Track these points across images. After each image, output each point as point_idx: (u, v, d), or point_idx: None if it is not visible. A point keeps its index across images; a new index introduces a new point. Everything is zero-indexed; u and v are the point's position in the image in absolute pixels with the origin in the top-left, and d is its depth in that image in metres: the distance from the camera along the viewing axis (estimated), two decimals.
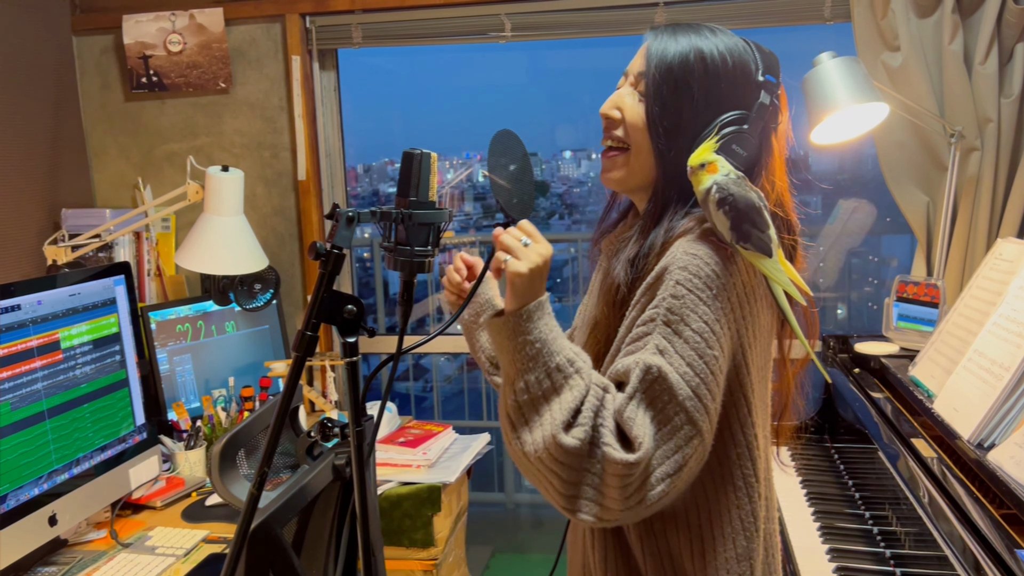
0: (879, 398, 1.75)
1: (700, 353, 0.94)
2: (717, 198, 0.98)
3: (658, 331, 0.96)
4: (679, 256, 0.99)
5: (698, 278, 0.97)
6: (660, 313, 0.96)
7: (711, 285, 0.97)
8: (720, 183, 0.98)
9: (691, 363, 0.94)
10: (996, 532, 1.14)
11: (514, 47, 2.46)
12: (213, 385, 2.33)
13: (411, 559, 2.05)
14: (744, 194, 0.98)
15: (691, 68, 1.06)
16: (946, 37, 1.99)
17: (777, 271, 1.00)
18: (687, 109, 1.06)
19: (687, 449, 0.93)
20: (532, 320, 0.97)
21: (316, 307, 0.95)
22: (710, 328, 0.95)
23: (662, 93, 1.07)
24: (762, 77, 1.07)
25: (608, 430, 0.93)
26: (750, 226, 0.97)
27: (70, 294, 1.70)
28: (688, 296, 0.96)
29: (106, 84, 2.60)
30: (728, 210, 0.97)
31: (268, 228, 2.57)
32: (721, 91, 1.06)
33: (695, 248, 0.99)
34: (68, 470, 1.67)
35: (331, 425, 1.13)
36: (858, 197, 3.36)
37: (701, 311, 0.95)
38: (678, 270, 0.97)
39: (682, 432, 0.93)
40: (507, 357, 0.99)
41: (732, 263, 1.00)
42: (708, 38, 1.08)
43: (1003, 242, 1.66)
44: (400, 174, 1.01)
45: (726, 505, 1.04)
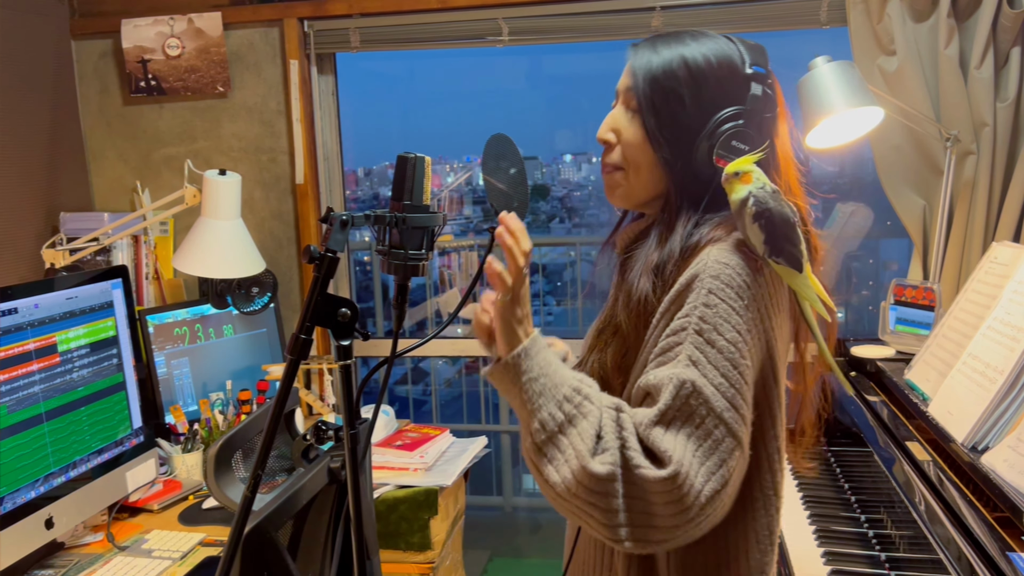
0: (875, 401, 1.75)
1: (734, 363, 0.94)
2: (754, 211, 0.97)
3: (689, 340, 0.95)
4: (710, 264, 0.98)
5: (730, 288, 0.96)
6: (692, 322, 0.95)
7: (743, 295, 0.96)
8: (758, 196, 0.97)
9: (726, 374, 0.93)
10: (990, 535, 1.14)
11: (513, 51, 2.46)
12: (210, 388, 2.33)
13: (408, 562, 2.05)
14: (780, 209, 0.97)
15: (676, 75, 1.06)
16: (942, 41, 2.00)
17: (807, 287, 1.00)
18: (680, 115, 1.06)
19: (731, 462, 0.92)
20: (530, 358, 0.97)
21: (310, 310, 0.96)
22: (743, 338, 0.95)
23: (654, 104, 1.07)
24: (750, 69, 1.07)
25: (635, 450, 0.92)
26: (784, 241, 0.97)
27: (67, 297, 1.71)
28: (721, 305, 0.95)
29: (105, 88, 2.60)
30: (764, 224, 0.96)
31: (266, 232, 2.57)
32: (711, 91, 1.06)
33: (727, 258, 0.98)
34: (65, 473, 1.67)
35: (326, 428, 1.13)
36: (858, 200, 3.36)
37: (734, 321, 0.95)
38: (710, 279, 0.96)
39: (723, 445, 0.92)
40: (516, 402, 0.98)
41: (761, 275, 0.99)
42: (689, 44, 1.08)
43: (998, 246, 1.66)
44: (394, 178, 1.02)
45: (751, 518, 1.02)
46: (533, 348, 0.98)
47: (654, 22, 2.28)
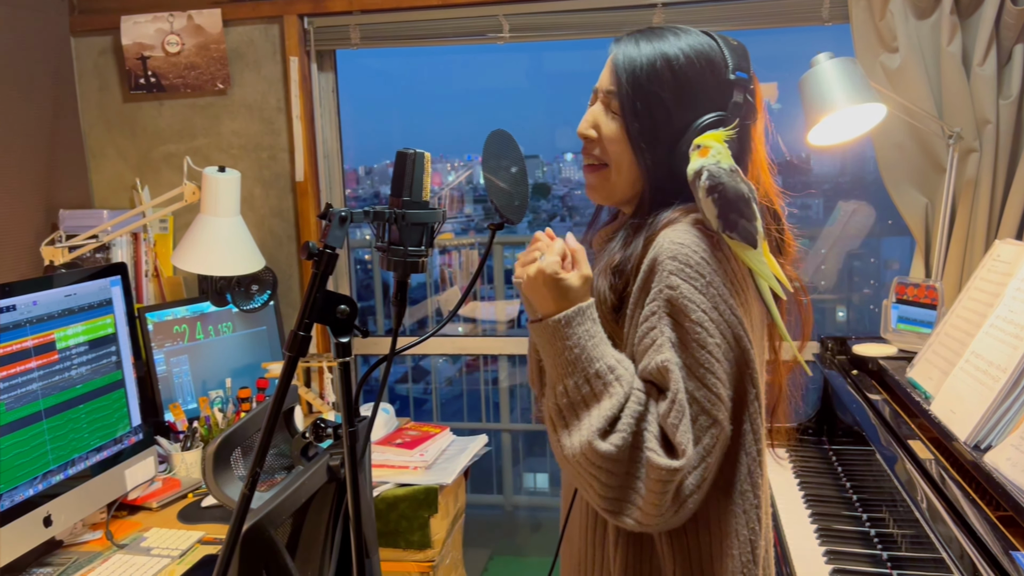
0: (877, 400, 1.74)
1: (701, 343, 0.96)
2: (707, 185, 0.98)
3: (662, 323, 0.97)
4: (666, 247, 0.99)
5: (689, 267, 0.97)
6: (660, 306, 0.97)
7: (703, 272, 0.97)
8: (712, 171, 0.98)
9: (694, 354, 0.95)
10: (992, 534, 1.13)
11: (513, 48, 2.45)
12: (210, 386, 2.32)
13: (408, 560, 2.04)
14: (734, 184, 0.98)
15: (660, 77, 1.06)
16: (944, 38, 1.99)
17: (760, 263, 1.01)
18: (662, 119, 1.07)
19: (706, 439, 0.95)
20: (571, 326, 0.98)
21: (309, 307, 0.95)
22: (707, 316, 0.96)
23: (636, 108, 1.07)
24: (733, 75, 1.07)
25: (652, 435, 0.95)
26: (737, 216, 0.98)
27: (66, 294, 1.70)
28: (683, 286, 0.96)
29: (104, 85, 2.60)
30: (717, 198, 0.98)
31: (265, 229, 2.57)
32: (694, 95, 1.06)
33: (682, 237, 1.00)
34: (63, 471, 1.66)
35: (325, 426, 1.13)
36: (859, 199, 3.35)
37: (697, 299, 0.96)
38: (668, 260, 0.98)
39: (698, 423, 0.95)
40: (549, 361, 1.01)
41: (719, 250, 1.01)
42: (672, 42, 1.07)
43: (1001, 244, 1.65)
44: (394, 174, 1.01)
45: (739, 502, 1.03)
46: (578, 318, 0.99)
47: (655, 19, 2.27)
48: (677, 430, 0.93)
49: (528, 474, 4.41)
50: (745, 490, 1.02)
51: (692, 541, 1.04)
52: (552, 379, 1.00)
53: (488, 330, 4.25)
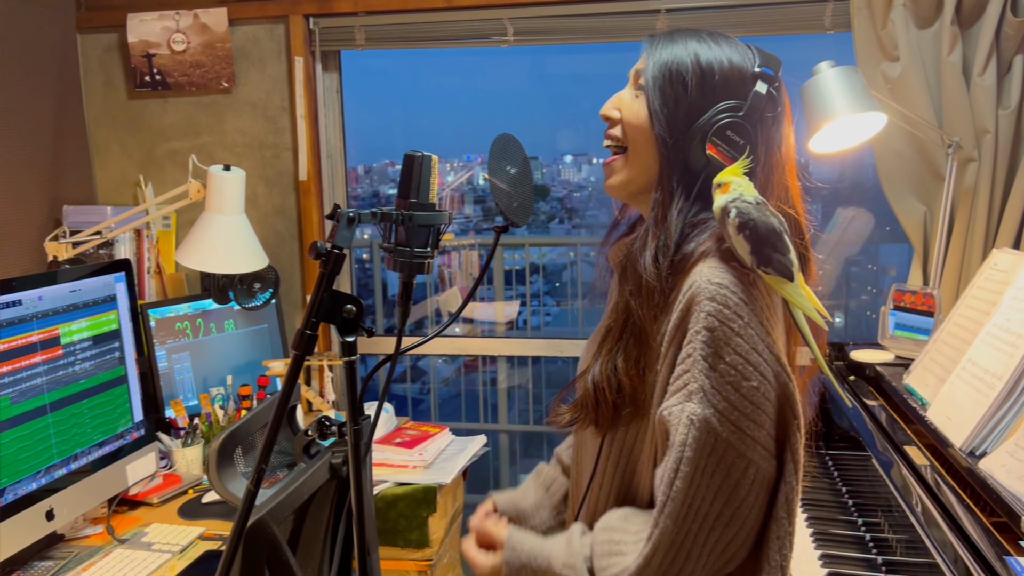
0: (874, 406, 1.76)
1: (736, 386, 0.95)
2: (737, 222, 0.97)
3: (696, 368, 0.96)
4: (704, 287, 0.98)
5: (728, 308, 0.96)
6: (697, 348, 0.96)
7: (741, 314, 0.97)
8: (740, 208, 0.97)
9: (728, 397, 0.95)
10: (986, 539, 1.15)
11: (516, 51, 2.47)
12: (211, 383, 2.34)
13: (406, 559, 2.05)
14: (765, 219, 0.97)
15: (685, 63, 1.08)
16: (945, 48, 2.00)
17: (798, 295, 1.01)
18: (683, 99, 1.07)
19: (744, 483, 0.96)
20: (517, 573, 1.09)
21: (316, 306, 0.96)
22: (745, 359, 0.96)
23: (659, 86, 1.08)
24: (758, 68, 1.08)
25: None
26: (771, 250, 0.97)
27: (71, 290, 1.71)
28: (720, 328, 0.96)
29: (109, 82, 2.61)
30: (749, 235, 0.97)
31: (268, 228, 2.58)
32: (716, 82, 1.07)
33: (719, 276, 0.99)
34: (66, 465, 1.67)
35: (329, 423, 1.14)
36: (858, 206, 3.37)
37: (735, 342, 0.96)
38: (707, 301, 0.97)
39: (735, 467, 0.96)
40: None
41: (755, 288, 1.00)
42: (706, 41, 1.10)
43: (998, 252, 1.67)
44: (401, 176, 1.02)
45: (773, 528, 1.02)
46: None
47: (659, 24, 2.29)
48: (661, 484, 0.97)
49: (525, 475, 4.41)
50: (781, 517, 1.01)
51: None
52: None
53: (487, 331, 4.26)
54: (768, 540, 1.01)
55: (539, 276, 5.13)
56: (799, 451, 1.01)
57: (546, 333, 5.43)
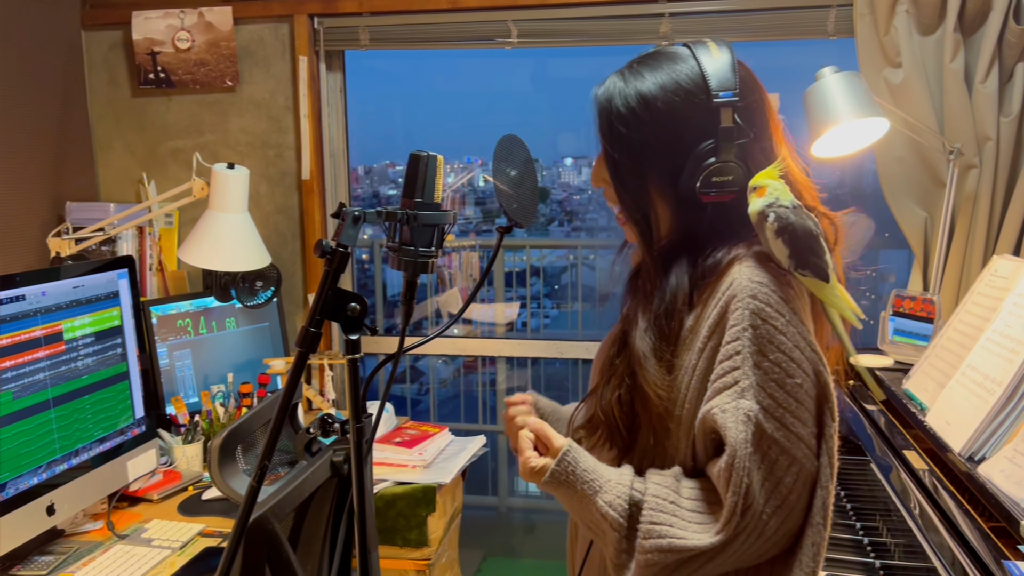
0: (873, 410, 1.76)
1: (781, 383, 0.96)
2: (776, 227, 0.97)
3: (746, 364, 0.96)
4: (744, 285, 0.98)
5: (770, 306, 0.97)
6: (745, 345, 0.96)
7: (783, 312, 0.97)
8: (779, 212, 0.98)
9: (773, 395, 0.96)
10: (984, 544, 1.15)
11: (518, 53, 2.48)
12: (212, 381, 2.34)
13: (404, 558, 2.06)
14: (802, 223, 0.98)
15: (638, 122, 1.05)
16: (947, 55, 2.01)
17: (835, 296, 1.02)
18: (651, 173, 1.06)
19: (788, 479, 0.96)
20: (556, 486, 1.04)
21: (321, 304, 0.97)
22: (789, 356, 0.96)
23: (617, 166, 1.07)
24: (717, 98, 1.03)
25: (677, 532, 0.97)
26: (809, 253, 0.98)
27: (74, 286, 1.72)
28: (763, 325, 0.96)
29: (113, 79, 2.61)
30: (788, 239, 0.97)
31: (271, 226, 2.58)
32: (676, 129, 1.04)
33: (759, 276, 0.99)
34: (67, 460, 1.68)
35: (331, 421, 1.14)
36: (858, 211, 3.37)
37: (778, 340, 0.96)
38: (749, 299, 0.97)
39: (778, 464, 0.95)
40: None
41: (791, 287, 1.01)
42: (648, 79, 1.05)
43: (999, 259, 1.68)
44: (406, 175, 1.03)
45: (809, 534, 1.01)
46: (555, 482, 1.04)
47: (662, 28, 2.30)
48: (728, 485, 0.95)
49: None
50: (817, 522, 1.00)
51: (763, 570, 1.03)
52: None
53: (486, 332, 4.27)
54: (803, 546, 1.00)
55: (539, 278, 5.13)
56: (835, 453, 1.01)
57: (545, 335, 5.43)
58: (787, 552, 1.01)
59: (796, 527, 0.99)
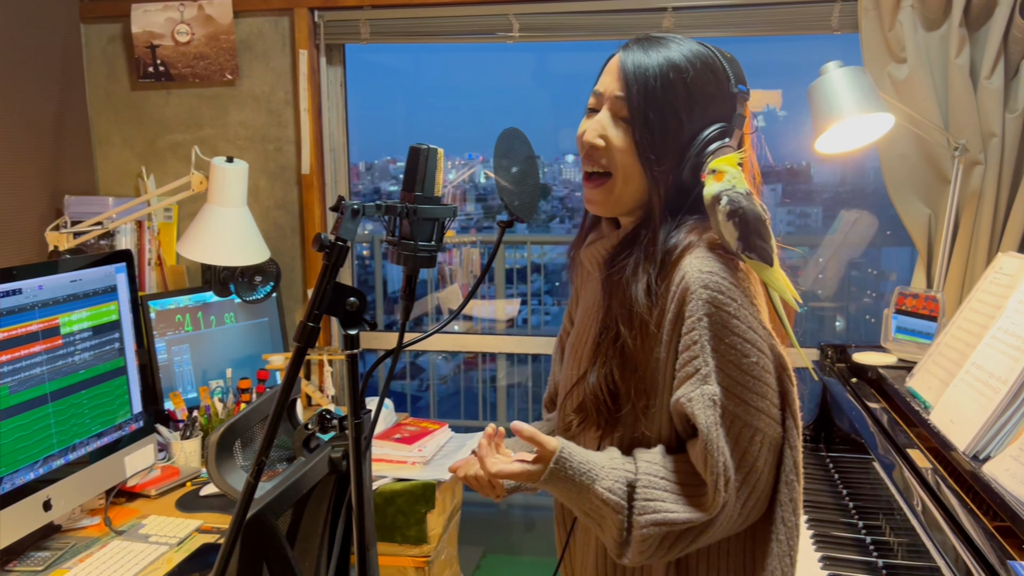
0: (876, 408, 1.75)
1: (737, 363, 1.01)
2: (728, 210, 1.02)
3: (705, 352, 1.02)
4: (695, 276, 1.03)
5: (721, 293, 1.02)
6: (701, 334, 1.02)
7: (734, 297, 1.02)
8: (732, 196, 1.02)
9: (730, 374, 1.01)
10: (989, 543, 1.14)
11: (519, 48, 2.46)
12: (210, 376, 2.33)
13: (403, 555, 2.05)
14: (753, 208, 1.02)
15: (674, 89, 1.07)
16: (953, 50, 2.00)
17: (776, 279, 1.07)
18: (673, 129, 1.08)
19: (752, 448, 1.02)
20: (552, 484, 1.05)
21: (319, 298, 0.95)
22: (743, 337, 1.02)
23: (648, 119, 1.08)
24: (735, 89, 1.10)
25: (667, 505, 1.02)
26: (756, 237, 1.03)
27: (71, 280, 1.70)
28: (717, 312, 1.01)
29: (112, 73, 2.60)
30: (738, 222, 1.01)
31: (270, 221, 2.57)
32: (704, 105, 1.09)
33: (708, 265, 1.04)
34: (64, 456, 1.67)
35: (329, 417, 1.13)
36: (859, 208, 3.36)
37: (732, 324, 1.02)
38: (701, 289, 1.02)
39: (743, 436, 1.02)
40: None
41: (739, 270, 1.05)
42: (677, 51, 1.09)
43: (1004, 256, 1.66)
44: (406, 168, 1.01)
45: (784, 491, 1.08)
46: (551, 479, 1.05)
47: (665, 23, 2.28)
48: (706, 466, 1.00)
49: None
50: (791, 480, 1.07)
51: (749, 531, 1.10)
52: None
53: (487, 328, 4.26)
54: (781, 503, 1.07)
55: (539, 275, 5.12)
56: (798, 414, 1.08)
57: (546, 332, 5.42)
58: (768, 512, 1.08)
59: (769, 489, 1.06)
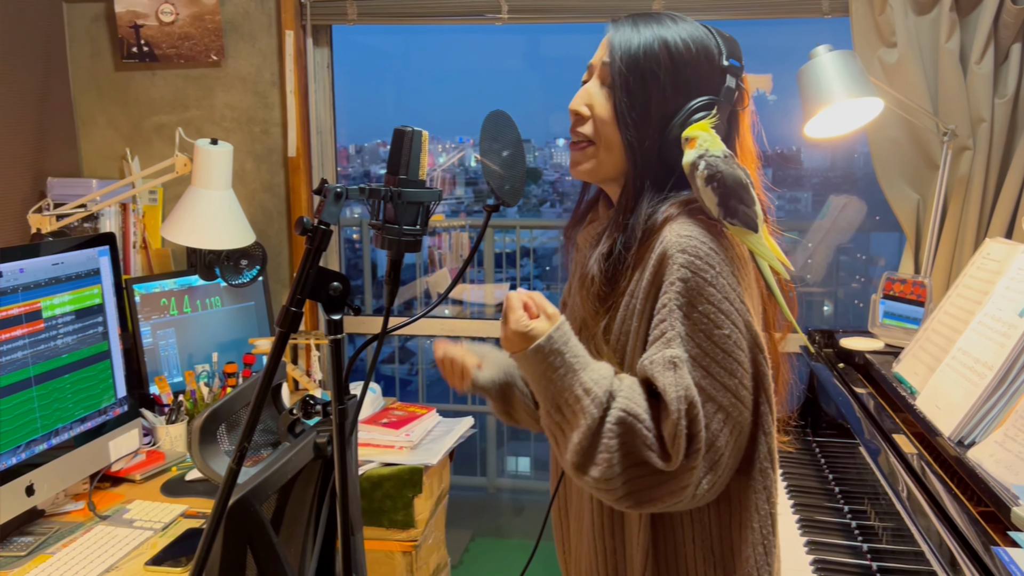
0: (862, 393, 1.75)
1: (708, 333, 0.97)
2: (706, 174, 0.99)
3: (673, 316, 0.98)
4: (674, 241, 1.00)
5: (699, 258, 0.98)
6: (672, 298, 0.98)
7: (712, 263, 0.98)
8: (708, 160, 1.00)
9: (701, 344, 0.97)
10: (973, 529, 1.14)
11: (510, 31, 2.44)
12: (196, 360, 2.31)
13: (391, 540, 2.05)
14: (732, 171, 1.00)
15: (657, 57, 1.06)
16: (943, 35, 1.99)
17: (762, 246, 1.03)
18: (655, 99, 1.07)
19: (714, 425, 0.97)
20: (540, 357, 1.00)
21: (302, 283, 0.94)
22: (717, 307, 0.97)
23: (628, 84, 1.07)
24: (726, 61, 1.08)
25: (644, 443, 0.96)
26: (737, 202, 0.99)
27: (53, 263, 1.68)
28: (693, 278, 0.98)
29: (96, 53, 2.56)
30: (716, 186, 0.99)
31: (256, 204, 2.55)
32: (688, 78, 1.07)
33: (688, 229, 1.01)
34: (47, 440, 1.65)
35: (313, 403, 1.12)
36: (848, 194, 3.37)
37: (707, 292, 0.98)
38: (678, 253, 0.99)
39: (704, 410, 0.96)
40: (534, 388, 1.04)
41: (723, 237, 1.02)
42: (670, 27, 1.08)
43: (991, 242, 1.66)
44: (390, 151, 1.00)
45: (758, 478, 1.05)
46: (543, 350, 1.00)
47: (655, 5, 2.26)
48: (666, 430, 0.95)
49: (511, 457, 4.43)
50: (765, 467, 1.05)
51: (713, 515, 1.07)
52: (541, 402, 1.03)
53: (476, 312, 4.25)
54: (755, 490, 1.04)
55: (529, 259, 5.11)
56: (773, 399, 1.04)
57: None
58: (741, 497, 1.05)
59: (729, 472, 1.00)
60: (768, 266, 1.04)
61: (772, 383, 1.04)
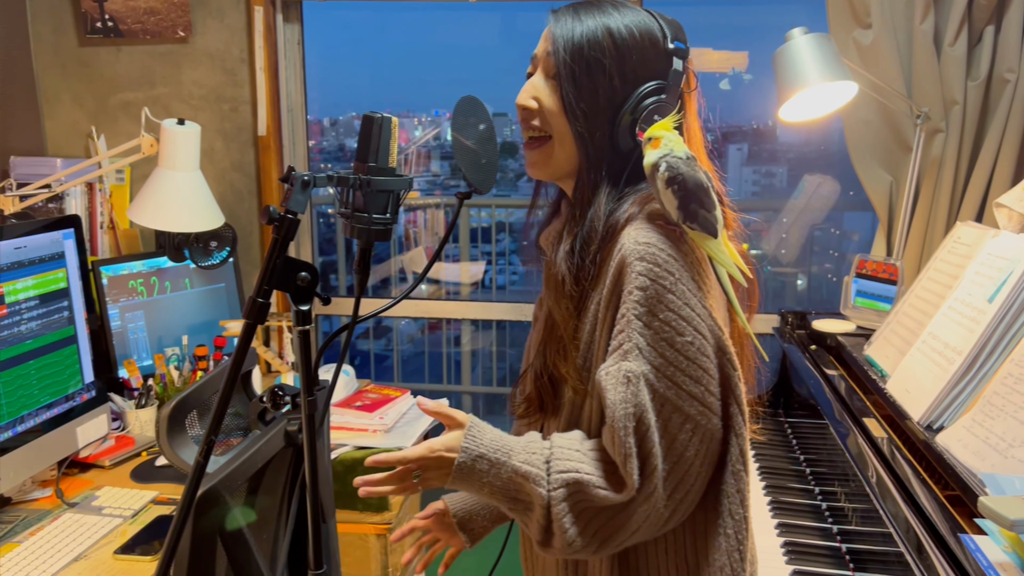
0: (833, 375, 1.77)
1: (670, 341, 0.95)
2: (667, 176, 0.97)
3: (631, 327, 0.96)
4: (632, 248, 0.98)
5: (657, 266, 0.96)
6: (630, 308, 0.96)
7: (671, 270, 0.97)
8: (670, 162, 0.97)
9: (663, 354, 0.95)
10: (940, 513, 1.16)
11: (486, 7, 2.40)
12: (166, 343, 2.28)
13: (365, 523, 2.04)
14: (693, 174, 0.97)
15: (601, 45, 1.05)
16: (918, 16, 1.98)
17: (721, 252, 1.01)
18: (603, 87, 1.05)
19: (681, 436, 0.96)
20: (467, 472, 1.03)
21: (268, 273, 0.92)
22: (678, 314, 0.96)
23: (574, 75, 1.05)
24: (672, 44, 1.06)
25: (594, 487, 0.97)
26: (697, 206, 0.97)
27: (16, 247, 1.64)
28: (652, 286, 0.96)
29: (59, 27, 2.49)
30: (677, 189, 0.97)
31: (226, 184, 2.51)
32: (634, 64, 1.05)
33: (646, 236, 0.99)
34: (12, 428, 1.62)
35: (282, 393, 1.11)
36: (823, 170, 3.38)
37: (667, 299, 0.96)
38: (636, 261, 0.97)
39: (672, 421, 0.96)
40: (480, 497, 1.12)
41: (683, 243, 1.00)
42: (613, 14, 1.06)
43: (962, 226, 1.67)
44: (359, 138, 0.98)
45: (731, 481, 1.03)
46: (462, 474, 1.04)
47: None
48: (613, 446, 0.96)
49: None
50: (738, 470, 1.03)
51: (687, 523, 1.04)
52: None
53: (452, 292, 4.24)
54: (728, 495, 1.03)
55: (505, 234, 5.09)
56: (743, 402, 1.02)
57: (512, 292, 5.40)
58: (714, 502, 1.03)
59: (702, 483, 1.00)
60: (726, 272, 1.02)
61: (742, 384, 1.02)
